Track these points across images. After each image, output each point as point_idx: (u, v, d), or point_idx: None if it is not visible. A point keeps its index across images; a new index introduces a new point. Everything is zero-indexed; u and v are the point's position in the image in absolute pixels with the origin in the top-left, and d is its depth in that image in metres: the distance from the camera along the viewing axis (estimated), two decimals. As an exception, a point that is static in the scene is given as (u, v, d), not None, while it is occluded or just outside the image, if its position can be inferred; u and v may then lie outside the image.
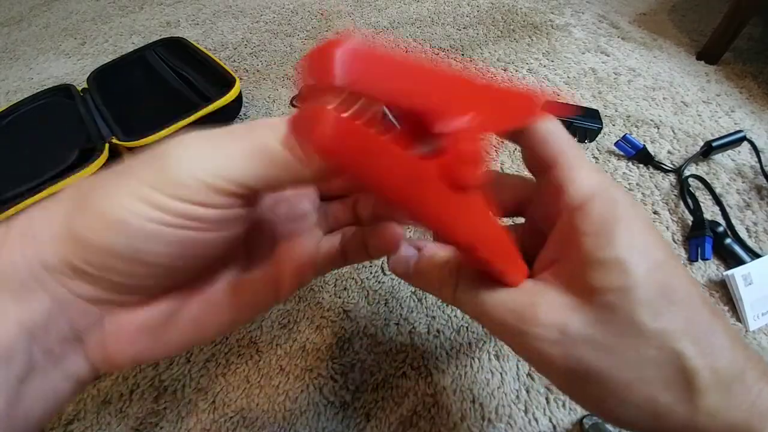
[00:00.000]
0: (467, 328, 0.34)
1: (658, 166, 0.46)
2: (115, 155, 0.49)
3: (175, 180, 0.13)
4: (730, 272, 0.35)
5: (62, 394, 0.16)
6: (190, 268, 0.16)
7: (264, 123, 0.14)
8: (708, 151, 0.46)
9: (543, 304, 0.14)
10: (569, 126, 0.48)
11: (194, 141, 0.14)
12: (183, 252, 0.14)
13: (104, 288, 0.15)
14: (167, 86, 0.55)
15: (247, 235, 0.17)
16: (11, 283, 0.14)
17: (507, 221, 0.24)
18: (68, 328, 0.15)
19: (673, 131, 0.50)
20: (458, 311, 0.35)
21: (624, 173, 0.46)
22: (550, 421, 0.29)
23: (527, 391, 0.31)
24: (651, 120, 0.52)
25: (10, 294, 0.14)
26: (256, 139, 0.13)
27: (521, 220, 0.20)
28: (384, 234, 0.18)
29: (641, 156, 0.46)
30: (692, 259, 0.38)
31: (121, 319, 0.16)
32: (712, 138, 0.46)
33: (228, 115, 0.53)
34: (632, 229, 0.14)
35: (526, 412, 0.30)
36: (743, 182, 0.45)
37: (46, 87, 0.58)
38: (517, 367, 0.32)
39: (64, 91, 0.55)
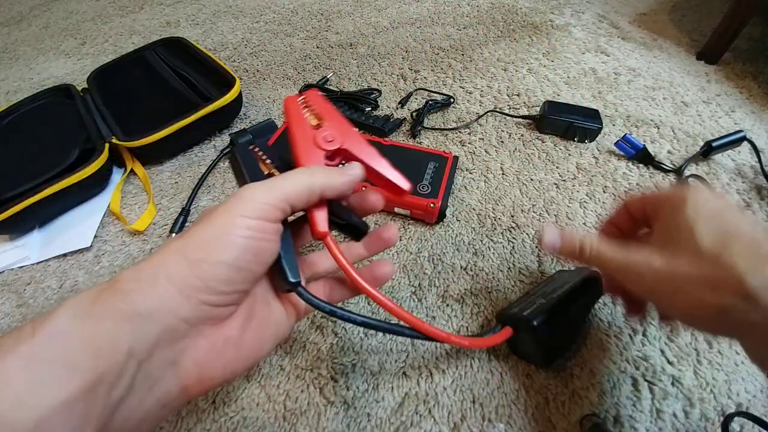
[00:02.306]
0: (467, 328, 0.34)
1: (658, 166, 0.46)
2: (115, 155, 0.49)
3: (252, 205, 0.20)
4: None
5: (154, 419, 0.18)
6: (257, 274, 0.20)
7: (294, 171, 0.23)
8: (708, 151, 0.46)
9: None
10: (569, 126, 0.48)
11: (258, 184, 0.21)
12: (257, 258, 0.20)
13: (206, 304, 0.18)
14: (167, 86, 0.55)
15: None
16: (128, 315, 0.17)
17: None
18: (169, 352, 0.18)
19: (673, 131, 0.51)
20: (458, 311, 0.35)
21: (624, 173, 0.46)
22: (550, 421, 0.29)
23: (527, 391, 0.31)
24: (651, 120, 0.52)
25: (126, 323, 0.16)
26: (290, 177, 0.22)
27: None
28: (368, 195, 0.26)
29: (641, 156, 0.46)
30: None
31: (210, 336, 0.19)
32: (712, 138, 0.46)
33: (228, 115, 0.53)
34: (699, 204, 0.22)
35: (526, 412, 0.30)
36: (743, 182, 0.45)
37: (46, 87, 0.58)
38: (517, 367, 0.32)
39: (64, 91, 0.55)
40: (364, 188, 0.27)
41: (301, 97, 0.27)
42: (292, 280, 0.22)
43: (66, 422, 0.14)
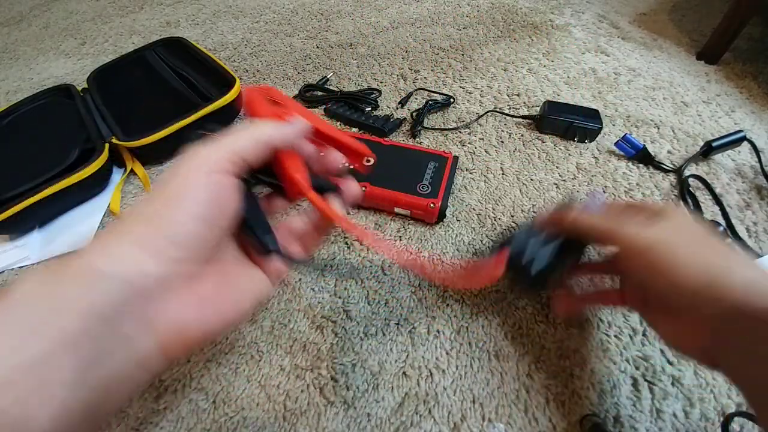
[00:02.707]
0: (467, 328, 0.34)
1: (658, 166, 0.46)
2: (115, 155, 0.49)
3: (205, 160, 0.20)
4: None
5: (132, 380, 0.18)
6: (223, 228, 0.21)
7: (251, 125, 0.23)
8: (708, 151, 0.46)
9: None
10: (569, 126, 0.48)
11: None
12: (221, 211, 0.20)
13: (173, 260, 0.18)
14: (167, 86, 0.55)
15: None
16: (91, 276, 0.16)
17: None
18: (141, 311, 0.17)
19: (673, 131, 0.51)
20: (458, 311, 0.35)
21: (624, 173, 0.46)
22: (550, 421, 0.30)
23: (527, 391, 0.31)
24: (651, 120, 0.52)
25: (89, 283, 0.16)
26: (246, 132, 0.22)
27: None
28: (330, 156, 0.27)
29: (641, 156, 0.46)
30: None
31: (184, 294, 0.19)
32: (712, 138, 0.46)
33: (228, 114, 0.53)
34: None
35: (526, 412, 0.30)
36: (743, 182, 0.45)
37: (46, 87, 0.58)
38: (517, 367, 0.32)
39: (64, 91, 0.55)
40: (322, 153, 0.27)
41: (257, 89, 0.28)
42: (271, 247, 0.22)
43: (32, 383, 0.14)
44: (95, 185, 0.46)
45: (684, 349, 0.25)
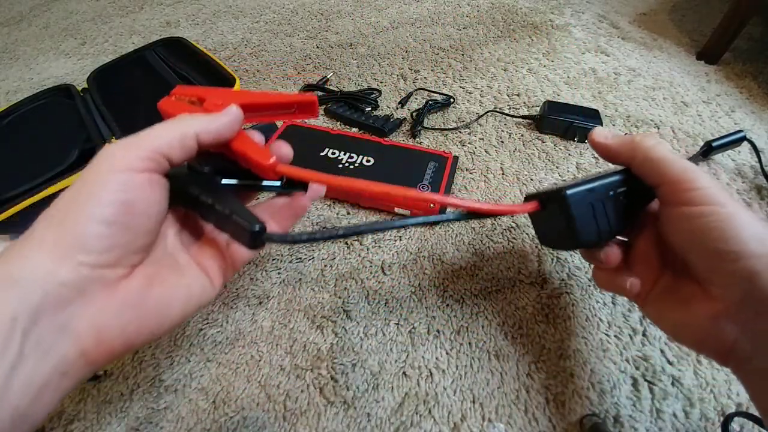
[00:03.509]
0: (467, 328, 0.34)
1: (658, 166, 0.46)
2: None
3: (115, 160, 0.19)
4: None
5: (55, 387, 0.17)
6: (144, 230, 0.20)
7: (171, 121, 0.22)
8: (708, 151, 0.46)
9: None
10: (569, 126, 0.48)
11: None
12: (132, 210, 0.19)
13: (85, 265, 0.18)
14: (167, 86, 0.55)
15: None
16: (5, 283, 0.16)
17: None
18: (57, 318, 0.17)
19: (673, 131, 0.51)
20: (458, 311, 0.35)
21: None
22: (550, 421, 0.30)
23: (527, 391, 0.31)
24: (651, 120, 0.52)
25: (4, 291, 0.16)
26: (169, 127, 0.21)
27: None
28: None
29: (641, 156, 0.46)
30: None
31: (102, 299, 0.19)
32: (712, 138, 0.46)
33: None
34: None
35: (526, 412, 0.30)
36: (743, 182, 0.45)
37: (46, 87, 0.58)
38: (517, 367, 0.32)
39: (64, 91, 0.55)
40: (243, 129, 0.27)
41: (174, 96, 0.27)
42: (255, 229, 0.21)
43: None
44: (95, 185, 0.46)
45: (694, 335, 0.23)
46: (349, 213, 0.43)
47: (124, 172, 0.19)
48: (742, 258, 0.19)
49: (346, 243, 0.40)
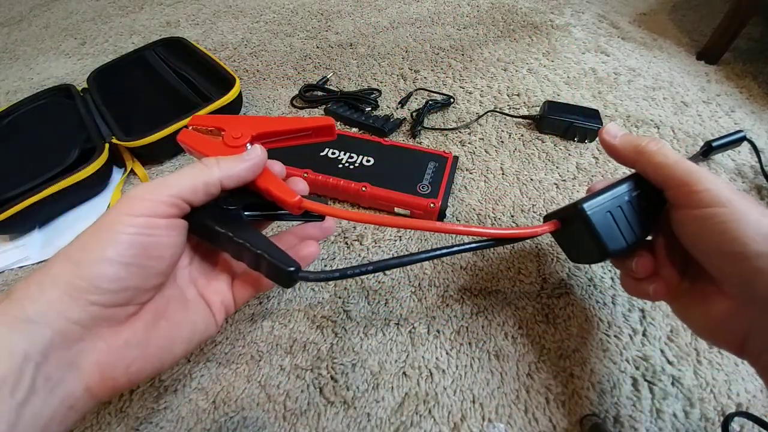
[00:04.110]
0: (467, 328, 0.34)
1: (658, 166, 0.46)
2: (115, 155, 0.49)
3: (137, 202, 0.20)
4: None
5: (61, 420, 0.18)
6: (157, 272, 0.21)
7: (189, 167, 0.23)
8: (708, 151, 0.46)
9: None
10: (569, 126, 0.48)
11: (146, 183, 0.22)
12: (148, 253, 0.20)
13: (96, 305, 0.18)
14: (167, 86, 0.55)
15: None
16: (20, 321, 0.17)
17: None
18: (65, 355, 0.18)
19: (673, 131, 0.51)
20: (458, 311, 0.35)
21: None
22: (550, 421, 0.30)
23: (527, 391, 0.31)
24: (651, 120, 0.52)
25: (19, 328, 0.17)
26: (185, 173, 0.22)
27: None
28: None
29: (641, 156, 0.46)
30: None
31: (108, 337, 0.19)
32: (712, 138, 0.46)
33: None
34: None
35: (526, 412, 0.30)
36: (743, 182, 0.45)
37: (46, 87, 0.58)
38: (517, 367, 0.32)
39: (64, 91, 0.55)
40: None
41: (190, 127, 0.28)
42: (290, 269, 0.22)
43: None
44: (95, 185, 0.46)
45: (712, 331, 0.23)
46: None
47: (145, 216, 0.20)
48: (747, 258, 0.20)
49: (346, 243, 0.40)
